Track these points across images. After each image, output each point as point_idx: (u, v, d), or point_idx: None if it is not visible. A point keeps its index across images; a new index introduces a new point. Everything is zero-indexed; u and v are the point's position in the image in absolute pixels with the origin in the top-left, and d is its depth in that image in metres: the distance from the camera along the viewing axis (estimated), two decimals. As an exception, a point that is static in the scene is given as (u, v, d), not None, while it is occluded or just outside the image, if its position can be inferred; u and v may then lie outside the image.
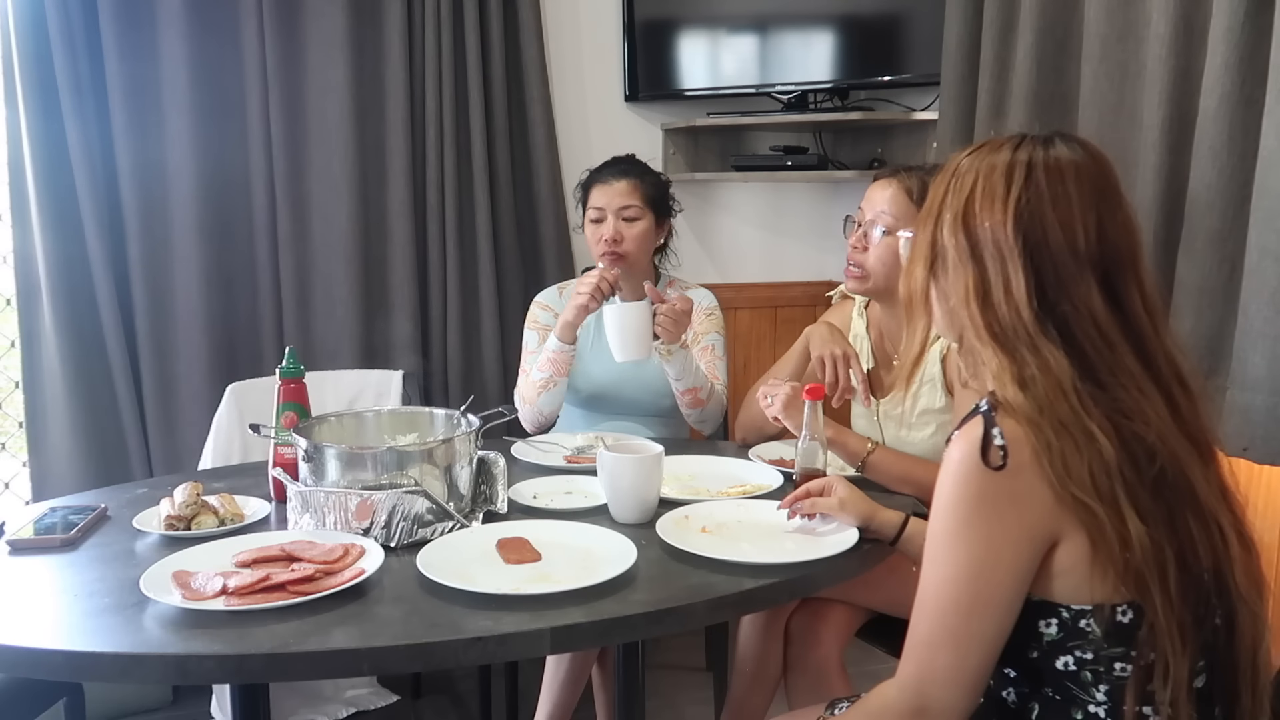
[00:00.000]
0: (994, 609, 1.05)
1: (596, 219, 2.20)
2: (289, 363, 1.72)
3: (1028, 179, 1.07)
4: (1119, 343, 1.06)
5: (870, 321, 2.01)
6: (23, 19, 2.36)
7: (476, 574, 1.32)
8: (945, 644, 1.06)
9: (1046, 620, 1.07)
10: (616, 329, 1.97)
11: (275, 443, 1.67)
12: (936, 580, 1.07)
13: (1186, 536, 1.04)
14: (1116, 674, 1.06)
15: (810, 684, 1.80)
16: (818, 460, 1.65)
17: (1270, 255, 1.67)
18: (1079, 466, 1.01)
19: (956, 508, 1.05)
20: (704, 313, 2.26)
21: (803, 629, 1.85)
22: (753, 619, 1.91)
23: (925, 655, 1.08)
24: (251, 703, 1.41)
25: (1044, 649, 1.08)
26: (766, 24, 2.95)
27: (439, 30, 2.72)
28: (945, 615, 1.06)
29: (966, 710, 1.07)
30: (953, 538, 1.06)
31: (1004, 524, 1.03)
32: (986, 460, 1.03)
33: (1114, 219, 1.08)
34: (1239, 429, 1.72)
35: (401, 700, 2.55)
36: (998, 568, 1.04)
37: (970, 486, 1.04)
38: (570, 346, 2.12)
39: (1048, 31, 2.18)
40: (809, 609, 1.86)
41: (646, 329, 1.97)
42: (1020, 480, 1.02)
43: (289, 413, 1.68)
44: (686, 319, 2.03)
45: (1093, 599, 1.05)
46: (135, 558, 1.41)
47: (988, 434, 1.04)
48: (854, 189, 3.25)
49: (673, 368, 2.07)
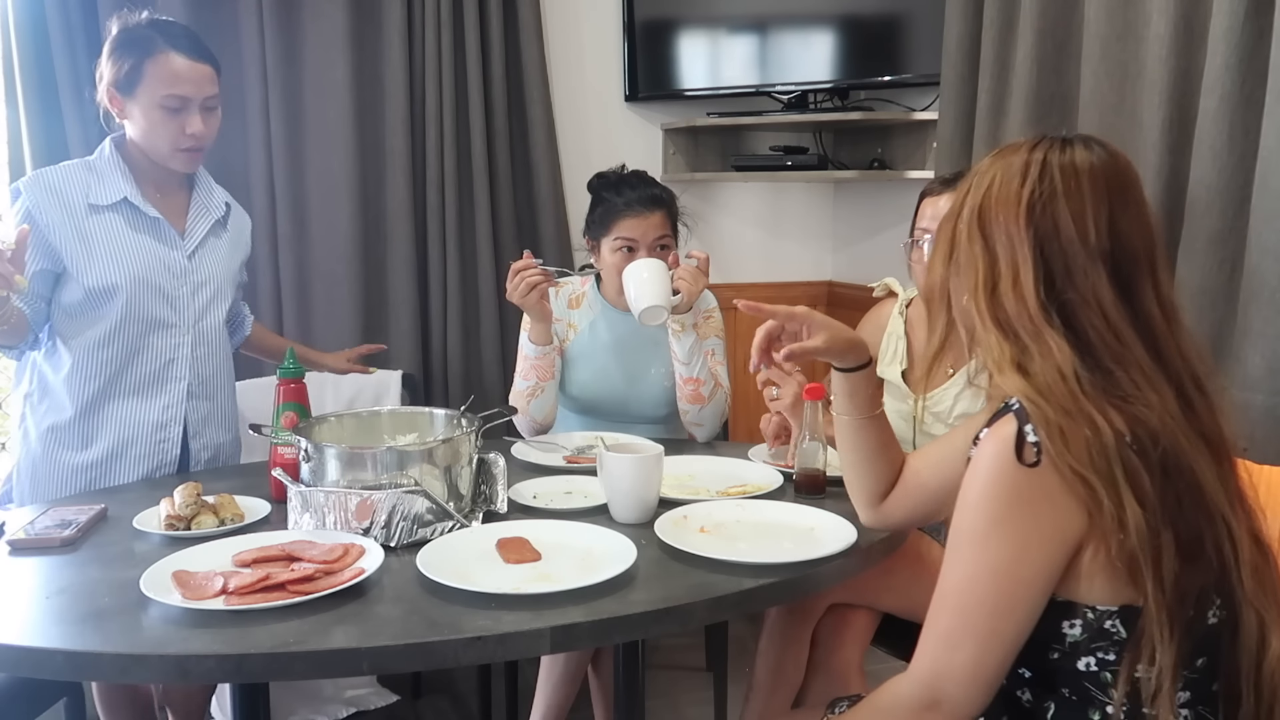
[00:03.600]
0: (1019, 608, 1.05)
1: (627, 248, 2.12)
2: (289, 363, 1.72)
3: (1042, 173, 1.09)
4: (1128, 335, 1.07)
5: (910, 322, 2.01)
6: (23, 19, 2.36)
7: (476, 574, 1.32)
8: (966, 641, 1.06)
9: (1070, 621, 1.07)
10: (635, 278, 1.95)
11: (275, 443, 1.67)
12: (962, 577, 1.07)
13: (1189, 529, 1.04)
14: (1137, 674, 1.05)
15: (829, 686, 1.79)
16: (818, 460, 1.65)
17: (1270, 255, 1.67)
18: (1078, 444, 1.01)
19: (988, 505, 1.05)
20: (703, 316, 2.23)
21: (829, 635, 1.85)
22: (777, 626, 1.90)
23: (943, 652, 1.07)
24: (251, 703, 1.41)
25: (1066, 650, 1.08)
26: (766, 24, 2.95)
27: (439, 30, 2.72)
28: (969, 612, 1.06)
29: (978, 710, 1.07)
30: (983, 535, 1.05)
31: (1037, 521, 1.03)
32: (1021, 457, 1.03)
33: (1127, 215, 1.09)
34: (1239, 429, 1.72)
35: (401, 700, 2.55)
36: (1028, 566, 1.04)
37: (1003, 484, 1.04)
38: (546, 348, 2.10)
39: (1048, 31, 2.18)
40: (837, 614, 1.85)
41: (665, 280, 1.96)
42: (1053, 477, 1.02)
43: (289, 413, 1.68)
44: (705, 276, 2.03)
45: (1118, 600, 1.05)
46: (135, 558, 1.41)
47: (1021, 430, 1.04)
48: (854, 189, 3.26)
49: (681, 347, 2.05)
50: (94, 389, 1.86)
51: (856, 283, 3.22)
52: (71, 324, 1.86)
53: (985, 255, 1.11)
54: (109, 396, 1.87)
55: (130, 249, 1.86)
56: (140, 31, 1.83)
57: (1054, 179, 1.09)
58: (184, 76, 1.81)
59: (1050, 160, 1.10)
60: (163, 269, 1.88)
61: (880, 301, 2.14)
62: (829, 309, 3.37)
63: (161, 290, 1.88)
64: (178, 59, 1.81)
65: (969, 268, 1.13)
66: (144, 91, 1.81)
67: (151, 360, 1.89)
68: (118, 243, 1.85)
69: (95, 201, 1.85)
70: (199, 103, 1.83)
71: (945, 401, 1.88)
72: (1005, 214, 1.10)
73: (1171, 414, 1.05)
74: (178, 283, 1.91)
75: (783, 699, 1.90)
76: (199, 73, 1.83)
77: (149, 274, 1.86)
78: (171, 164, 1.87)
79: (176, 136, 1.83)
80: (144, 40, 1.81)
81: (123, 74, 1.81)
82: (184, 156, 1.87)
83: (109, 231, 1.85)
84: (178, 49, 1.81)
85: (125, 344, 1.87)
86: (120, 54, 1.82)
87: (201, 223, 1.95)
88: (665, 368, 2.19)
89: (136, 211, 1.87)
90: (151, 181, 1.91)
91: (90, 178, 1.86)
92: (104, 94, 1.85)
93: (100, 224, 1.85)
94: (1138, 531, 1.00)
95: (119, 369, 1.87)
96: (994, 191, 1.12)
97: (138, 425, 1.88)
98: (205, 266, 1.95)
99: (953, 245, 1.16)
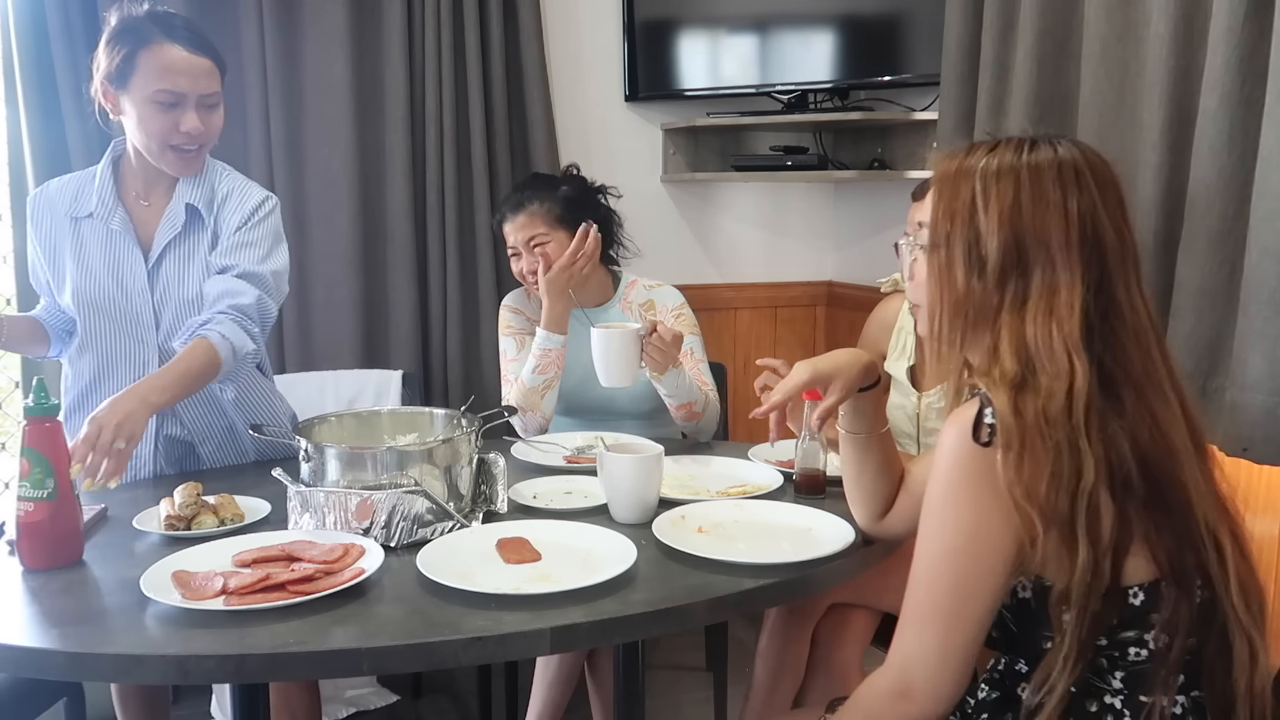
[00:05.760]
0: (981, 588, 1.06)
1: (514, 254, 2.19)
2: (38, 397, 1.36)
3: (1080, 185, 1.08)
4: (1152, 346, 1.08)
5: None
6: (23, 19, 2.36)
7: (476, 574, 1.32)
8: (930, 623, 1.07)
9: (1065, 608, 1.07)
10: (602, 355, 1.89)
11: (20, 496, 1.36)
12: (927, 557, 1.09)
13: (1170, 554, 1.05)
14: (1131, 659, 1.07)
15: (829, 685, 1.80)
16: (818, 460, 1.65)
17: (1270, 255, 1.67)
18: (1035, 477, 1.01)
19: (947, 485, 1.07)
20: (672, 314, 2.21)
21: (830, 634, 1.85)
22: (778, 623, 1.90)
23: (912, 635, 1.09)
24: (251, 703, 1.41)
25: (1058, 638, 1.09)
26: (766, 24, 2.95)
27: (439, 30, 2.72)
28: (932, 593, 1.08)
29: (950, 694, 1.07)
30: (942, 513, 1.08)
31: (989, 498, 1.04)
32: (976, 437, 1.05)
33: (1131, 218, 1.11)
34: (1239, 429, 1.72)
35: (401, 700, 2.55)
36: (985, 542, 1.05)
37: (960, 463, 1.06)
38: (562, 338, 2.10)
39: (1048, 31, 2.17)
40: (837, 613, 1.85)
41: (634, 356, 1.88)
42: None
43: (24, 460, 1.35)
44: (676, 349, 1.95)
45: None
46: (135, 558, 1.41)
47: (980, 412, 1.06)
48: (854, 189, 3.26)
49: (664, 387, 2.02)
50: (73, 396, 1.87)
51: (856, 283, 3.22)
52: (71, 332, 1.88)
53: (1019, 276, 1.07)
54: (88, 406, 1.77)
55: (91, 266, 1.81)
56: (136, 22, 1.74)
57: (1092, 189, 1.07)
58: (179, 69, 1.71)
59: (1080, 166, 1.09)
60: (120, 286, 1.81)
61: (888, 296, 2.13)
62: (829, 309, 3.38)
63: (120, 308, 1.81)
64: (173, 50, 1.71)
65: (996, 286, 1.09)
66: (137, 84, 1.71)
67: (123, 376, 1.83)
68: (81, 260, 1.81)
69: (75, 213, 1.82)
70: (195, 99, 1.73)
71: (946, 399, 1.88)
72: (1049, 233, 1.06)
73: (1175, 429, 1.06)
74: (140, 300, 1.82)
75: (783, 698, 1.91)
76: (196, 66, 1.72)
77: (102, 294, 1.80)
78: (162, 164, 1.78)
79: (168, 133, 1.73)
80: (139, 30, 1.72)
81: (115, 65, 1.72)
82: (176, 156, 1.76)
83: (79, 245, 1.82)
84: (174, 40, 1.71)
85: (95, 357, 1.84)
86: (114, 44, 1.73)
87: (165, 231, 1.83)
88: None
89: (104, 225, 1.81)
90: (140, 185, 1.84)
91: (87, 187, 1.83)
92: (98, 87, 1.76)
93: (75, 237, 1.82)
94: (1082, 568, 1.02)
95: (92, 380, 1.85)
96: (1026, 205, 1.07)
97: None
98: (169, 282, 1.83)
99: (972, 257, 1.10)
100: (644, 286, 2.27)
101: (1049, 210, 1.07)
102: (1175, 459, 1.05)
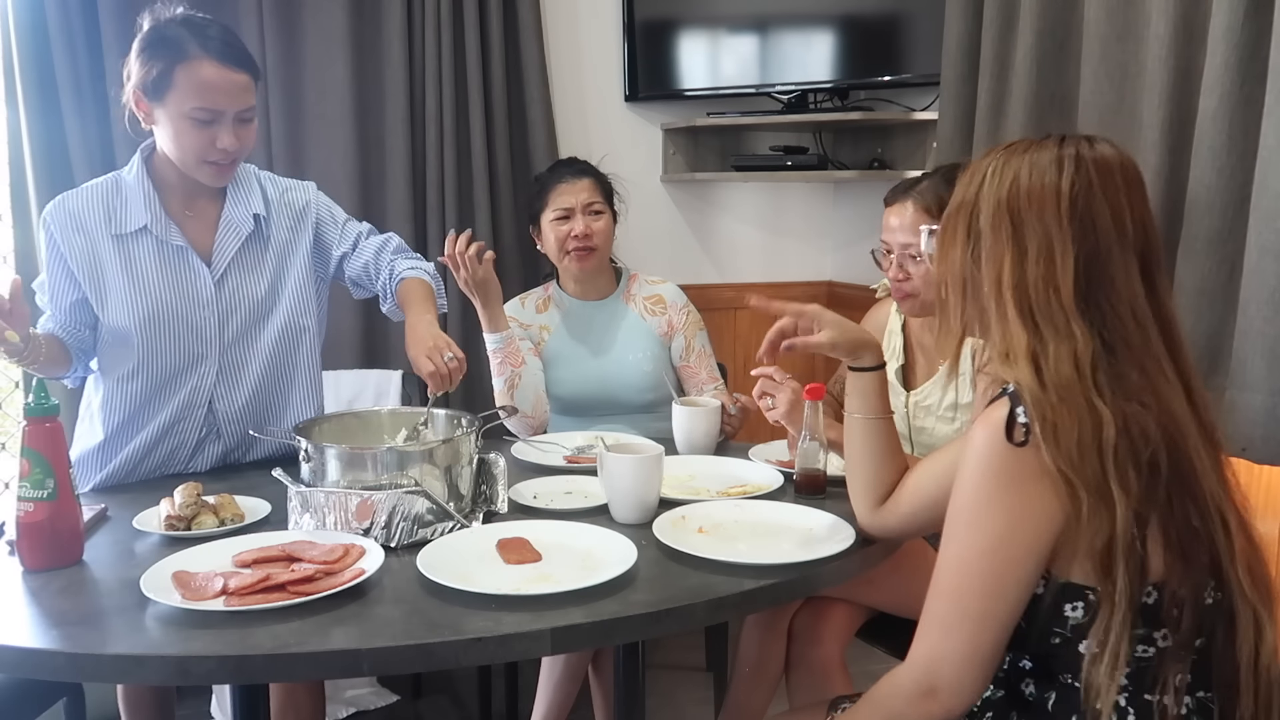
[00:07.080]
0: (1011, 589, 1.07)
1: (563, 217, 2.23)
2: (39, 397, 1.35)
3: (1078, 167, 1.11)
4: (1151, 328, 1.09)
5: (907, 321, 2.02)
6: (23, 19, 2.36)
7: (476, 574, 1.32)
8: (960, 624, 1.07)
9: (1073, 604, 1.08)
10: (685, 431, 1.95)
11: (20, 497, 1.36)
12: (956, 559, 1.09)
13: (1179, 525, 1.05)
14: (1138, 655, 1.07)
15: (812, 682, 1.81)
16: (818, 460, 1.65)
17: (1270, 255, 1.67)
18: (1067, 439, 1.03)
19: (979, 486, 1.07)
20: (681, 311, 2.29)
21: (805, 628, 1.86)
22: (755, 617, 1.92)
23: (939, 635, 1.09)
24: (251, 703, 1.41)
25: (1068, 634, 1.09)
26: (766, 24, 2.95)
27: (439, 30, 2.72)
28: (962, 595, 1.08)
29: (975, 694, 1.08)
30: (974, 515, 1.07)
31: (1025, 500, 1.05)
32: (1010, 437, 1.05)
33: (1148, 211, 1.12)
34: (1239, 429, 1.72)
35: (401, 700, 2.55)
36: (1018, 545, 1.06)
37: (993, 464, 1.06)
38: (506, 333, 2.14)
39: (1048, 31, 2.18)
40: (812, 608, 1.86)
41: (715, 429, 1.96)
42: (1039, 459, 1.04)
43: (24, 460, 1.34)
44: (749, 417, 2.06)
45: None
46: (135, 558, 1.41)
47: (1012, 413, 1.06)
48: (854, 189, 3.25)
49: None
50: (119, 420, 1.81)
51: (856, 283, 3.22)
52: (105, 354, 1.81)
53: (1014, 247, 1.11)
54: (135, 427, 1.81)
55: (149, 284, 1.76)
56: (172, 31, 1.67)
57: (1090, 173, 1.10)
58: (218, 88, 1.66)
59: (1083, 154, 1.11)
60: (185, 300, 1.78)
61: (881, 301, 2.14)
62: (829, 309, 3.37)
63: (185, 322, 1.78)
64: (210, 67, 1.66)
65: (993, 259, 1.13)
66: (173, 100, 1.66)
67: (180, 391, 1.81)
68: (136, 278, 1.75)
69: (118, 230, 1.75)
70: (232, 115, 1.69)
71: (934, 395, 1.90)
72: (1042, 206, 1.10)
73: (1179, 408, 1.07)
74: (205, 312, 1.79)
75: (765, 691, 1.93)
76: (234, 83, 1.68)
77: (165, 311, 1.76)
78: (198, 176, 1.75)
79: (204, 149, 1.70)
80: (176, 43, 1.66)
81: (151, 78, 1.66)
82: (211, 170, 1.73)
83: (129, 264, 1.76)
84: (211, 55, 1.66)
85: (152, 375, 1.79)
86: (149, 55, 1.67)
87: (230, 242, 1.81)
88: (643, 353, 2.24)
89: (159, 241, 1.76)
90: (181, 197, 1.79)
91: (116, 200, 1.77)
92: (130, 96, 1.71)
93: (121, 256, 1.76)
94: (1123, 520, 1.02)
95: (145, 399, 1.81)
96: (1024, 184, 1.12)
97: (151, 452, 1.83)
98: (235, 291, 1.82)
99: (971, 235, 1.16)
100: (646, 282, 2.33)
101: (1044, 188, 1.11)
102: (1182, 438, 1.06)
